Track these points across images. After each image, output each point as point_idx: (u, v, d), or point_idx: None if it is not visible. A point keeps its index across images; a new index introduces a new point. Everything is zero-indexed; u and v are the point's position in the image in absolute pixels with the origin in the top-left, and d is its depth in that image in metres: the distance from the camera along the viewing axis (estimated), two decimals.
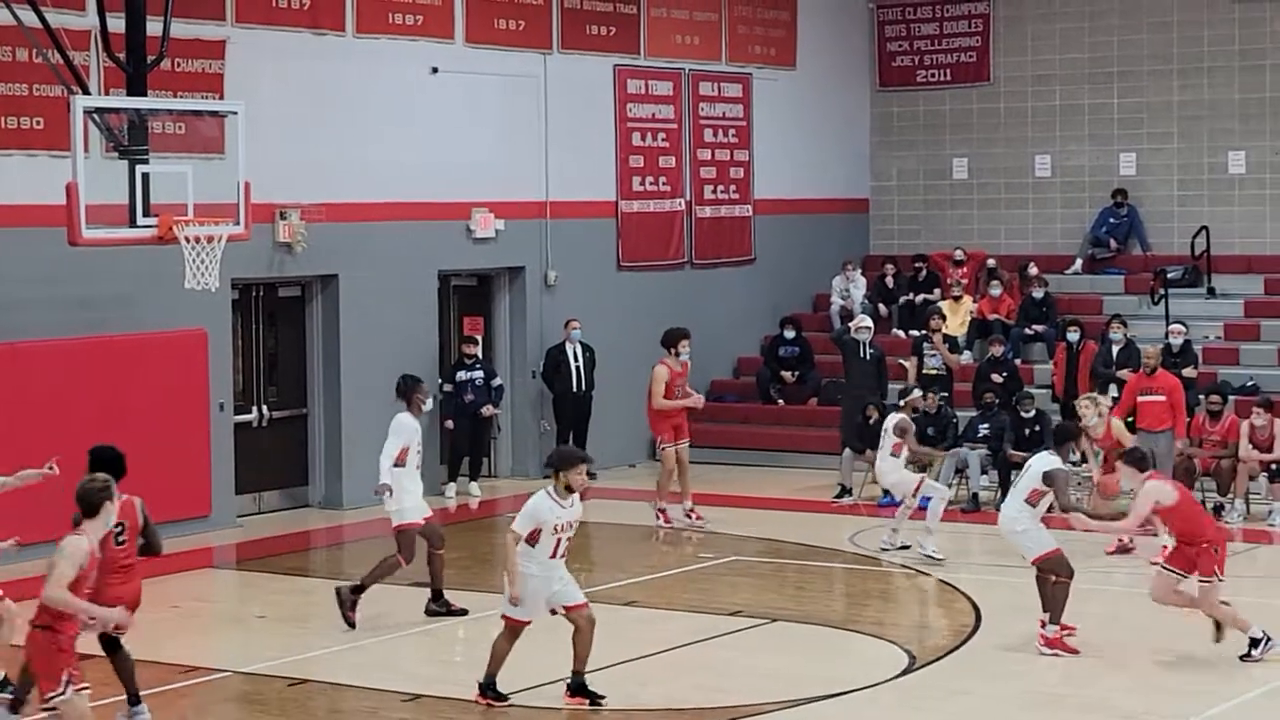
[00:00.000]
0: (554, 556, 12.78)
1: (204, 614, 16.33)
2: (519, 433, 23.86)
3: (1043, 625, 14.14)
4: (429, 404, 16.11)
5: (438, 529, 15.76)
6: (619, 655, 14.28)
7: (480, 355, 22.67)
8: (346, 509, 21.09)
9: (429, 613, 15.70)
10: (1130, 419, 19.93)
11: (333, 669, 14.03)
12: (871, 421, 21.71)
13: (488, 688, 12.86)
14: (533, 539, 12.68)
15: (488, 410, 22.43)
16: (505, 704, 12.80)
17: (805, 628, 15.36)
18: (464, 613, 15.71)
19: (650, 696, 13.25)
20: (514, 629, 12.84)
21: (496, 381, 22.63)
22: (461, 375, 22.25)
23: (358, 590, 15.34)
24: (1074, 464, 17.43)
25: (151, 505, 15.40)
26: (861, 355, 22.38)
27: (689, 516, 20.02)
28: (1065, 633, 14.17)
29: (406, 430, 15.40)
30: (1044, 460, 14.46)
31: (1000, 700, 13.02)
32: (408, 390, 15.65)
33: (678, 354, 20.44)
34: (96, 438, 18.45)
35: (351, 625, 15.13)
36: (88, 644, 12.97)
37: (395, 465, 15.32)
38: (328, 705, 13.22)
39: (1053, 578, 14.26)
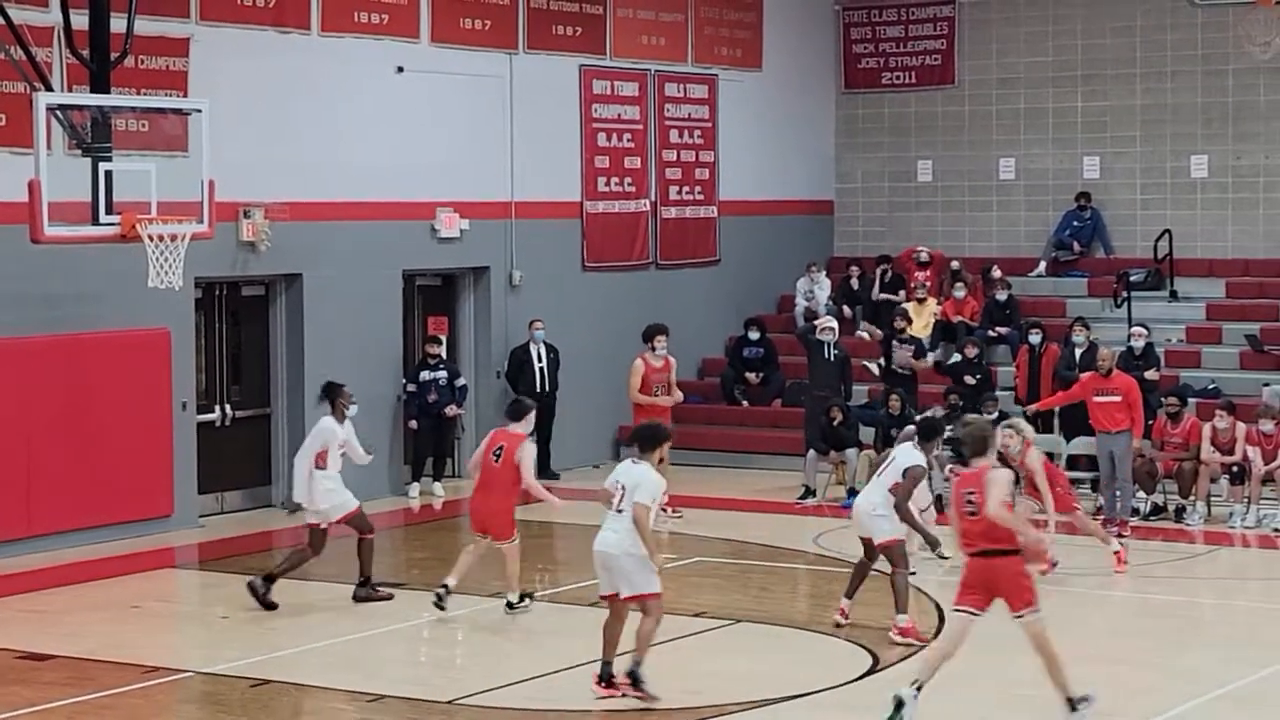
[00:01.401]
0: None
1: (166, 614, 16.26)
2: (483, 433, 23.69)
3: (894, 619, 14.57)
4: (352, 409, 16.48)
5: (365, 517, 16.26)
6: (585, 655, 14.25)
7: (444, 355, 22.63)
8: (308, 509, 20.94)
9: (356, 598, 16.05)
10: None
11: (296, 669, 13.97)
12: (835, 423, 21.77)
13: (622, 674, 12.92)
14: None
15: (451, 410, 22.40)
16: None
17: (769, 629, 15.37)
18: (389, 598, 16.14)
19: (612, 700, 13.21)
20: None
21: (460, 381, 22.61)
22: (425, 375, 22.22)
23: (270, 580, 15.81)
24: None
25: (113, 504, 15.44)
26: (826, 356, 22.40)
27: (664, 510, 19.86)
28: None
29: (325, 433, 16.07)
30: (907, 454, 14.87)
31: (966, 701, 13.01)
32: (331, 395, 16.32)
33: (654, 349, 20.54)
34: (59, 436, 18.52)
35: (271, 607, 15.55)
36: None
37: (316, 468, 15.92)
38: (291, 706, 13.16)
39: (892, 567, 14.69)
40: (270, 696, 13.29)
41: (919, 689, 11.99)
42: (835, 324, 22.99)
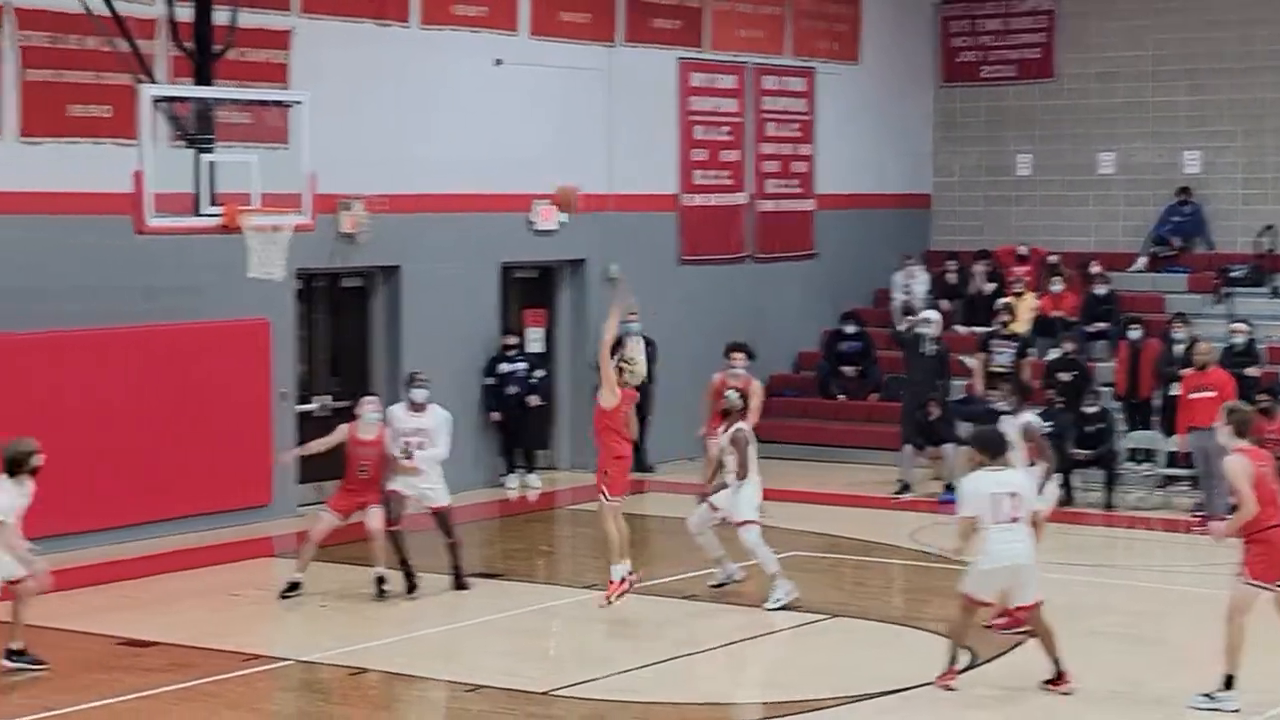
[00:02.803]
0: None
1: (265, 602, 16.39)
2: (578, 426, 23.84)
3: None
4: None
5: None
6: (677, 649, 14.29)
7: (521, 347, 22.64)
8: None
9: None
10: None
11: (393, 659, 14.07)
12: (932, 418, 21.68)
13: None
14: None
15: (533, 401, 22.41)
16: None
17: (864, 624, 15.33)
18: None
19: (707, 691, 13.24)
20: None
21: (538, 373, 22.55)
22: (504, 367, 22.20)
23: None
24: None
25: (213, 493, 15.59)
26: (922, 351, 22.28)
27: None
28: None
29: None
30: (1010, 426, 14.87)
31: (1060, 698, 12.95)
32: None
33: (732, 366, 19.68)
34: (160, 426, 18.72)
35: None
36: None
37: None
38: (389, 695, 13.26)
39: None
40: (369, 685, 13.40)
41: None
42: (936, 317, 22.84)
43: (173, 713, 12.60)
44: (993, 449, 12.99)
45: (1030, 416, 15.22)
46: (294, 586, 16.00)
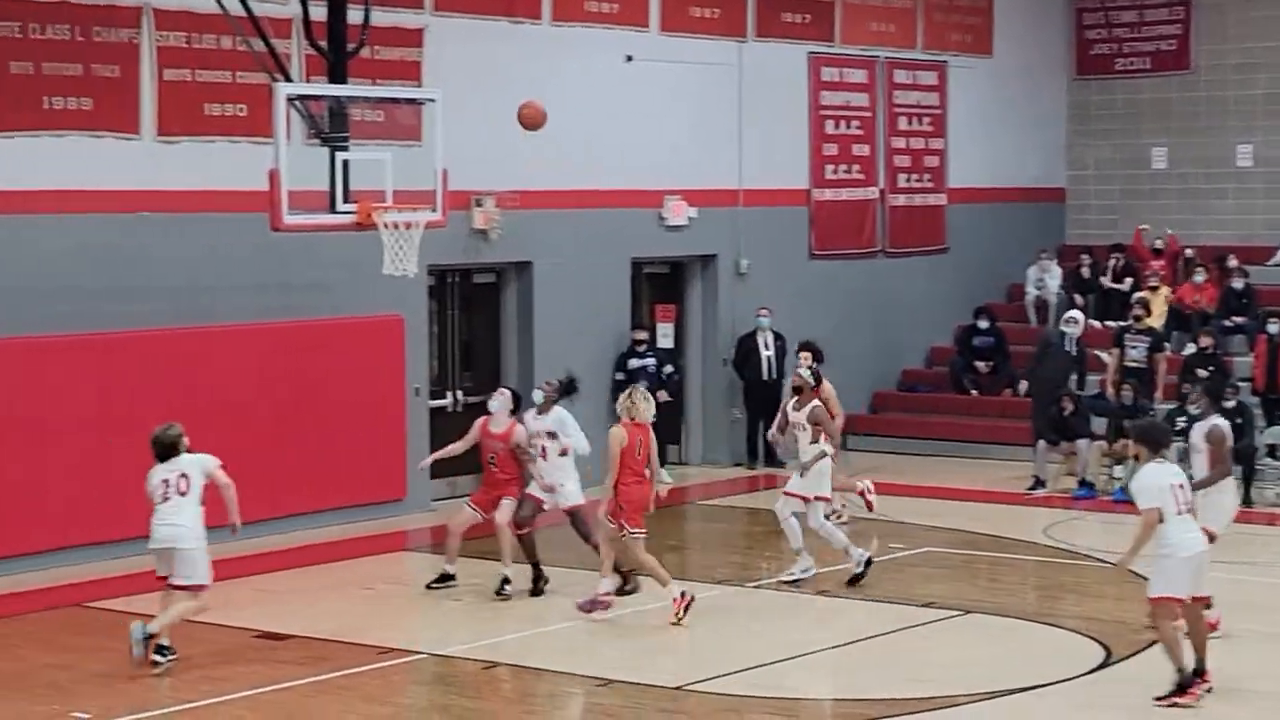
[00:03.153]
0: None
1: (398, 596, 16.50)
2: (710, 421, 23.87)
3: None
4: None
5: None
6: (812, 645, 14.24)
7: (651, 342, 22.63)
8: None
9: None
10: None
11: (525, 653, 14.12)
12: (1067, 413, 21.46)
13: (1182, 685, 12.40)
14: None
15: (663, 396, 22.38)
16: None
17: (999, 620, 15.20)
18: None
19: (842, 686, 13.18)
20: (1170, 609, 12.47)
21: (668, 369, 22.51)
22: (633, 363, 22.19)
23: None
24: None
25: (347, 488, 15.71)
26: (1065, 347, 22.08)
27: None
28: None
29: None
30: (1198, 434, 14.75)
31: (1207, 694, 12.77)
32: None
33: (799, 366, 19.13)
34: (296, 421, 18.91)
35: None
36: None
37: (561, 455, 16.08)
38: (521, 688, 13.31)
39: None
40: (501, 679, 13.46)
41: None
42: (1081, 318, 22.66)
43: (309, 705, 12.72)
44: (1156, 442, 12.74)
45: (1218, 420, 14.85)
46: (445, 578, 16.16)
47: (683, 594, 14.96)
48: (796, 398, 16.76)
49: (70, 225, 17.58)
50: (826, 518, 16.81)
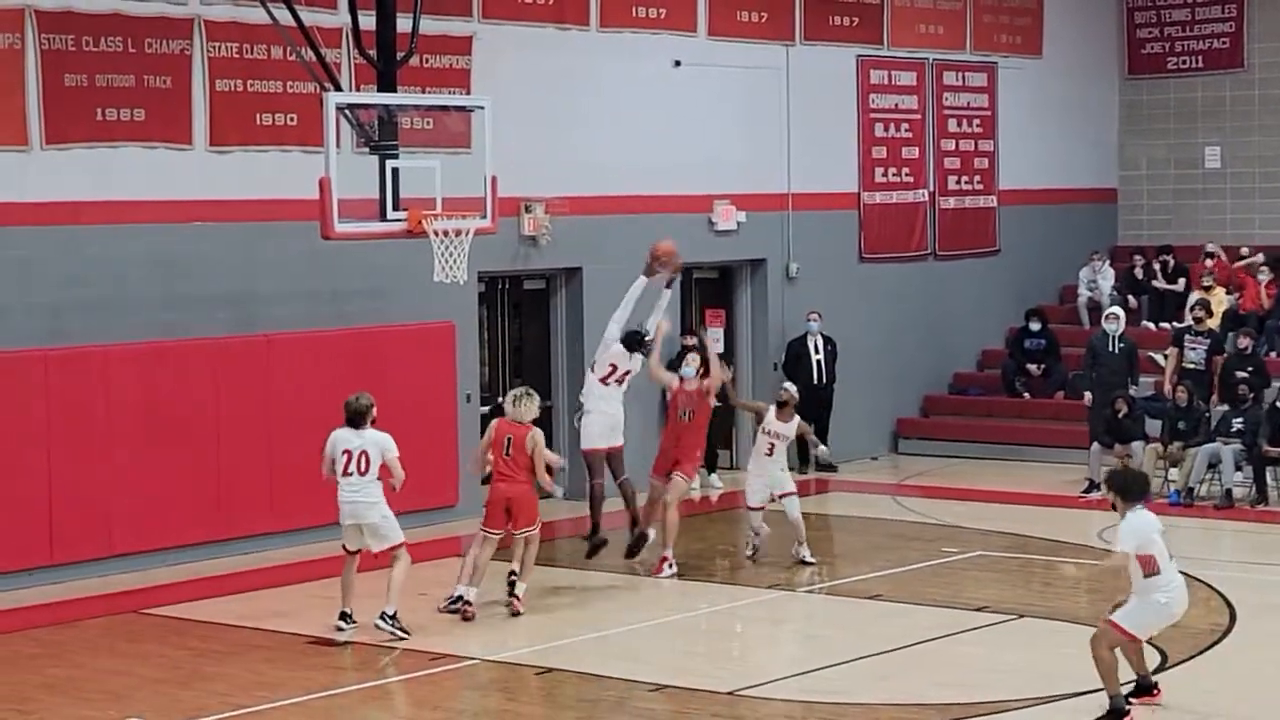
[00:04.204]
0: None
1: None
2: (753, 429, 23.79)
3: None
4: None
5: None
6: (864, 649, 14.21)
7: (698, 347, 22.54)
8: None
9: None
10: None
11: (579, 658, 14.14)
12: (1121, 415, 21.36)
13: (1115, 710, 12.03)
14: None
15: (714, 401, 22.31)
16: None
17: (1053, 624, 15.14)
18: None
19: (895, 691, 13.15)
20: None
21: None
22: (686, 370, 22.04)
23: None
24: None
25: (401, 493, 15.76)
26: (1110, 349, 21.98)
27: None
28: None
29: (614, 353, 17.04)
30: None
31: (1253, 700, 12.70)
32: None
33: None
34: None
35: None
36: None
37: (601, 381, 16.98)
38: (575, 694, 13.31)
39: None
40: (555, 684, 13.47)
41: None
42: (1121, 313, 22.55)
43: (361, 711, 12.77)
44: (1130, 491, 12.19)
45: None
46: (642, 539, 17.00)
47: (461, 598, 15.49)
48: (779, 410, 17.55)
49: (124, 235, 17.71)
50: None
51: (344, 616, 14.86)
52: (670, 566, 16.90)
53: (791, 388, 17.95)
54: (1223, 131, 27.40)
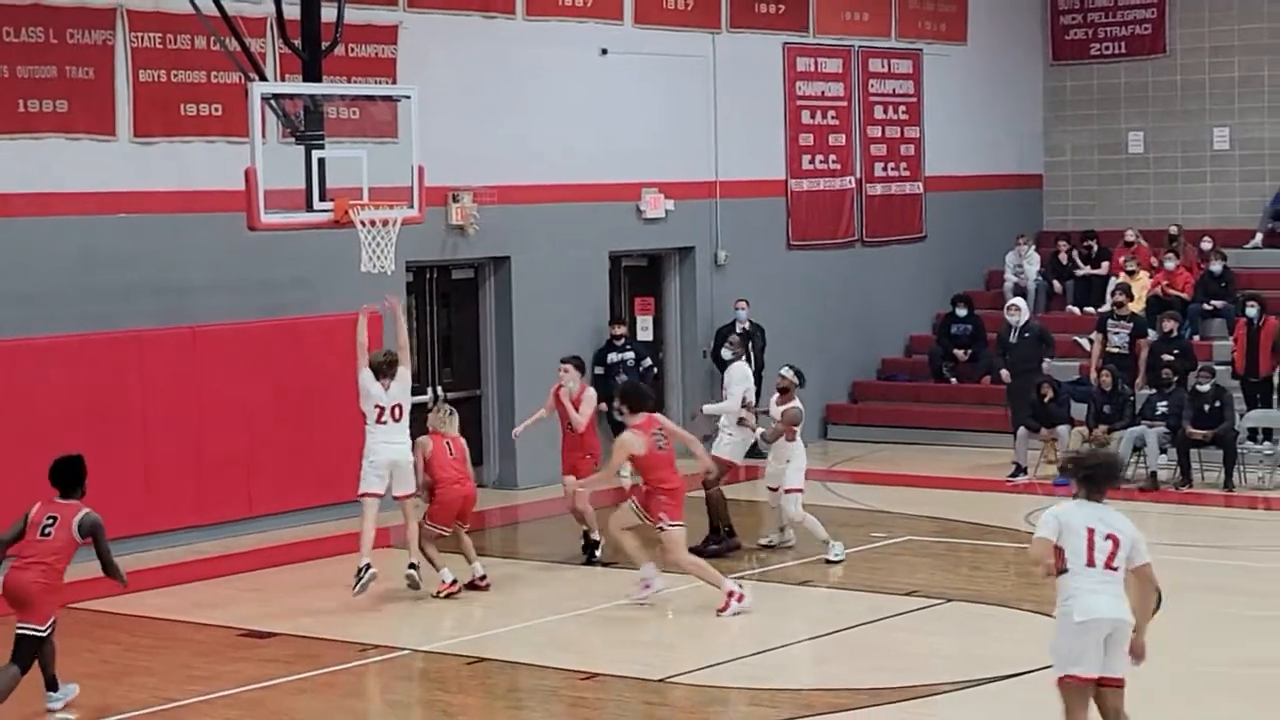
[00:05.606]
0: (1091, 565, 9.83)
1: (381, 593, 16.46)
2: (689, 413, 23.84)
3: None
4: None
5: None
6: (795, 635, 14.27)
7: (629, 335, 22.62)
8: (520, 489, 21.27)
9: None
10: None
11: (510, 647, 14.14)
12: (1046, 400, 21.51)
13: None
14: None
15: None
16: None
17: (981, 608, 15.24)
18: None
19: (826, 676, 13.21)
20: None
21: (646, 362, 22.49)
22: (612, 357, 22.15)
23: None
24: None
25: (330, 486, 15.73)
26: (1012, 339, 22.21)
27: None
28: None
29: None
30: None
31: (1181, 682, 12.82)
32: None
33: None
34: (275, 420, 18.89)
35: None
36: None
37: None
38: (506, 683, 13.32)
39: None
40: (486, 674, 13.46)
41: None
42: (1022, 304, 22.82)
43: (293, 703, 12.73)
44: (1091, 480, 10.19)
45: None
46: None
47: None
48: (779, 396, 17.45)
49: (47, 228, 17.57)
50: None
51: (412, 566, 15.70)
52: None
53: (787, 372, 17.71)
54: (1145, 117, 27.60)
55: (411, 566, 15.62)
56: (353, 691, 13.12)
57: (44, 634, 12.18)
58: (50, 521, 12.33)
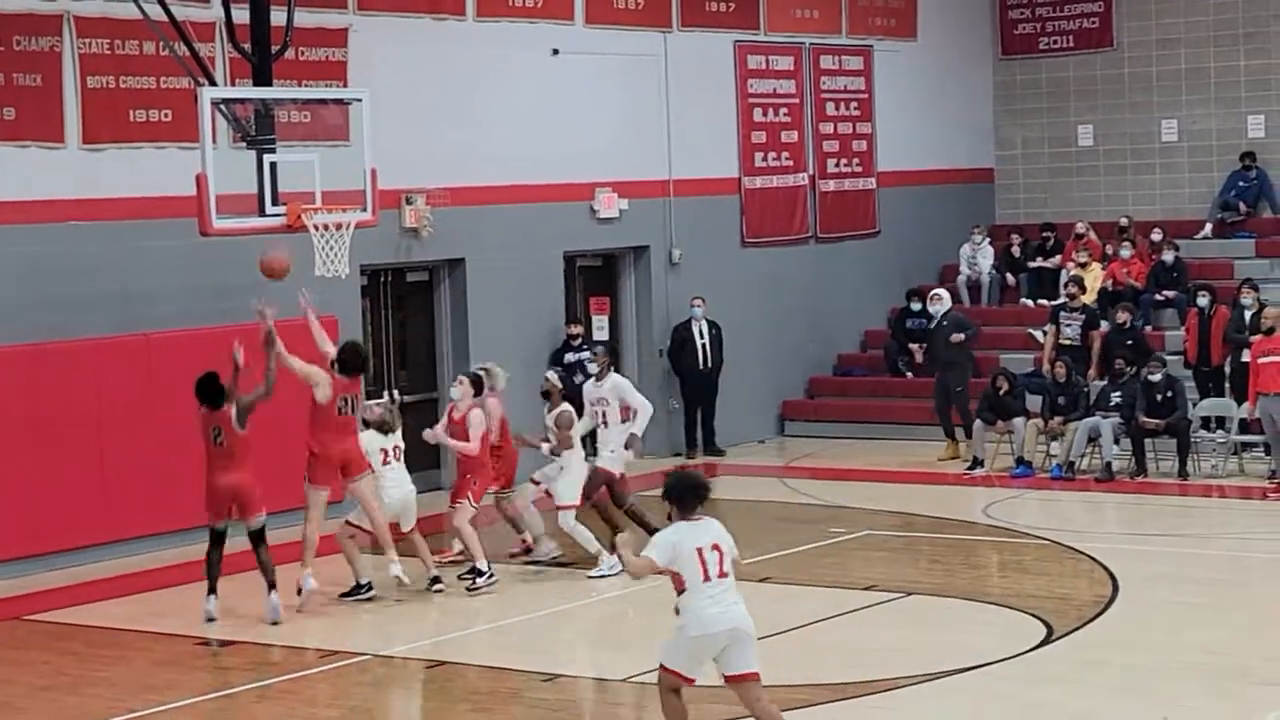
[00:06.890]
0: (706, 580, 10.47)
1: (336, 600, 16.43)
2: None
3: None
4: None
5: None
6: (755, 632, 14.26)
7: (585, 335, 22.58)
8: None
9: None
10: None
11: (470, 650, 14.12)
12: (1002, 392, 21.60)
13: None
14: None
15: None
16: None
17: (940, 601, 15.29)
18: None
19: (788, 672, 13.21)
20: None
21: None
22: (569, 357, 22.14)
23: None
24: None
25: (280, 492, 15.68)
26: (932, 327, 22.43)
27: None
28: None
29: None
30: None
31: (1140, 670, 12.88)
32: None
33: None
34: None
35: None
36: None
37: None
38: (467, 687, 13.30)
39: None
40: (446, 677, 13.44)
41: None
42: (945, 294, 23.14)
43: (253, 711, 12.68)
44: (682, 499, 10.65)
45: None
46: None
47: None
48: (548, 402, 17.00)
49: None
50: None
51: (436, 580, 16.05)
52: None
53: (552, 375, 17.30)
54: (1094, 110, 27.72)
55: (435, 579, 16.04)
56: (313, 699, 13.07)
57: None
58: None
